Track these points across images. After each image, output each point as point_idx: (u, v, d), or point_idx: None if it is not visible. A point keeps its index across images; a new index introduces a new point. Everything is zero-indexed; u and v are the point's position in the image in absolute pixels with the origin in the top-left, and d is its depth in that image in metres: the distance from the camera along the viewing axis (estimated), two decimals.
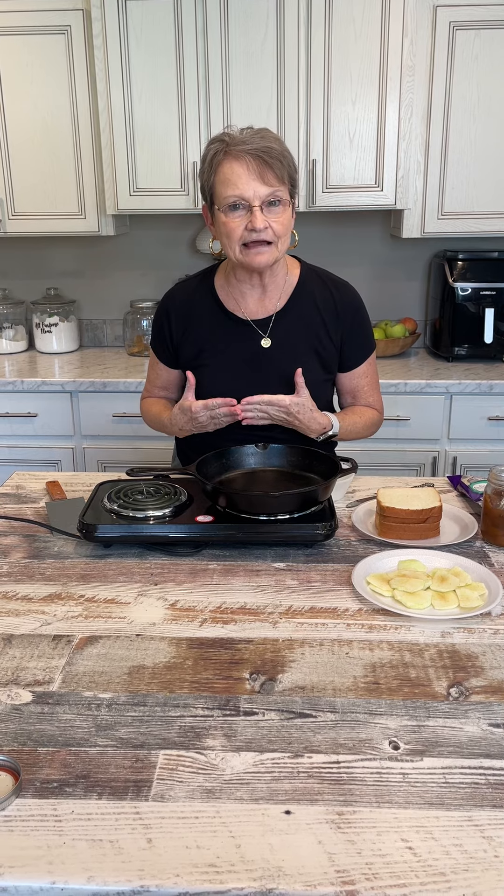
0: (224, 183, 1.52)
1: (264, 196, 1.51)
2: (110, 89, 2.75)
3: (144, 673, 1.10)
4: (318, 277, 1.75)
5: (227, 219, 1.54)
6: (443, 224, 2.87)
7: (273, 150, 1.51)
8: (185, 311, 1.75)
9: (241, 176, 1.49)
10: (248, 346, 1.71)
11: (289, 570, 1.39)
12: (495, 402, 2.78)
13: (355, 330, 1.75)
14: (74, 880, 0.78)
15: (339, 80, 2.69)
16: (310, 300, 1.72)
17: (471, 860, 0.79)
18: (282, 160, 1.52)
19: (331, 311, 1.72)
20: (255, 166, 1.49)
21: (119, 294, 3.38)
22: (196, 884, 0.77)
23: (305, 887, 0.77)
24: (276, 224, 1.54)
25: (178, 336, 1.76)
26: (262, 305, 1.71)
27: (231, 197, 1.51)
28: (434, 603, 1.26)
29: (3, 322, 3.28)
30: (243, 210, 1.52)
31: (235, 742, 0.96)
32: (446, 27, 2.67)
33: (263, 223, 1.52)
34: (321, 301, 1.72)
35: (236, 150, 1.50)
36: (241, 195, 1.50)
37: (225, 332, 1.72)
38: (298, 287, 1.72)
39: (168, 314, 1.77)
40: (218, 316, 1.73)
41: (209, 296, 1.74)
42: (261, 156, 1.49)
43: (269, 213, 1.53)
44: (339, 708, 1.02)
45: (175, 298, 1.78)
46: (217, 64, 2.69)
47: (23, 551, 1.48)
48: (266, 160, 1.49)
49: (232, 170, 1.50)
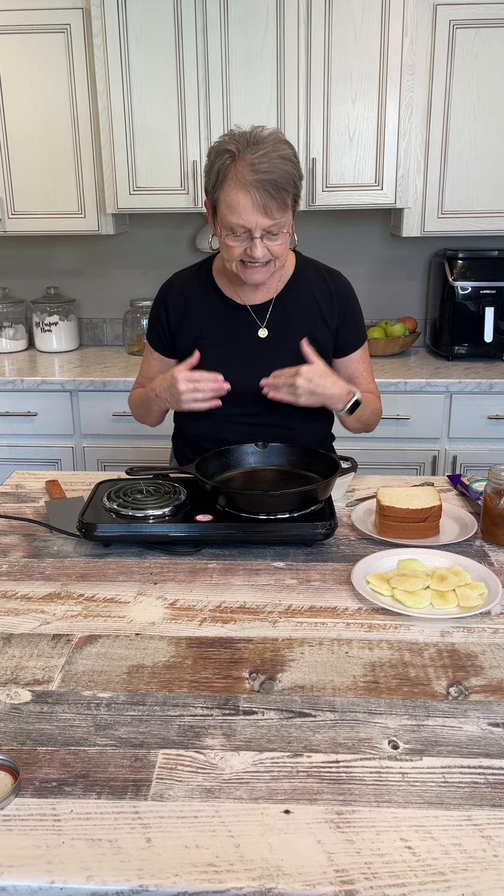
0: (228, 208, 1.52)
1: (266, 227, 1.52)
2: (110, 88, 2.74)
3: (144, 672, 1.10)
4: (313, 267, 1.79)
5: (229, 241, 1.56)
6: (443, 223, 2.87)
7: (280, 181, 1.49)
8: (182, 298, 1.76)
9: (247, 208, 1.50)
10: (245, 332, 1.73)
11: (288, 570, 1.39)
12: (495, 401, 2.78)
13: (349, 316, 1.77)
14: (73, 880, 0.78)
15: (339, 78, 2.69)
16: (306, 288, 1.75)
17: (470, 860, 0.79)
18: (286, 188, 1.51)
19: (326, 297, 1.75)
20: (260, 199, 1.49)
21: (119, 293, 3.38)
22: (195, 883, 0.77)
23: (305, 887, 0.77)
24: (274, 248, 1.57)
25: (176, 324, 1.76)
26: (258, 292, 1.73)
27: (233, 223, 1.53)
28: (434, 602, 1.26)
29: (2, 321, 3.28)
30: (244, 236, 1.54)
31: (235, 741, 0.96)
32: (446, 26, 2.66)
33: (262, 252, 1.55)
34: (316, 289, 1.75)
35: (243, 176, 1.48)
36: (244, 225, 1.52)
37: (223, 317, 1.74)
38: (294, 276, 1.75)
39: (166, 303, 1.77)
40: (216, 302, 1.74)
41: (207, 283, 1.76)
42: (267, 189, 1.48)
43: (268, 240, 1.55)
44: (338, 707, 1.02)
45: (173, 287, 1.79)
46: (217, 63, 2.68)
47: (22, 550, 1.47)
48: (272, 193, 1.49)
49: (238, 199, 1.50)
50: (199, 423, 1.77)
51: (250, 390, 1.66)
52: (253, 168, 1.47)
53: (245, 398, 1.68)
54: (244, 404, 1.69)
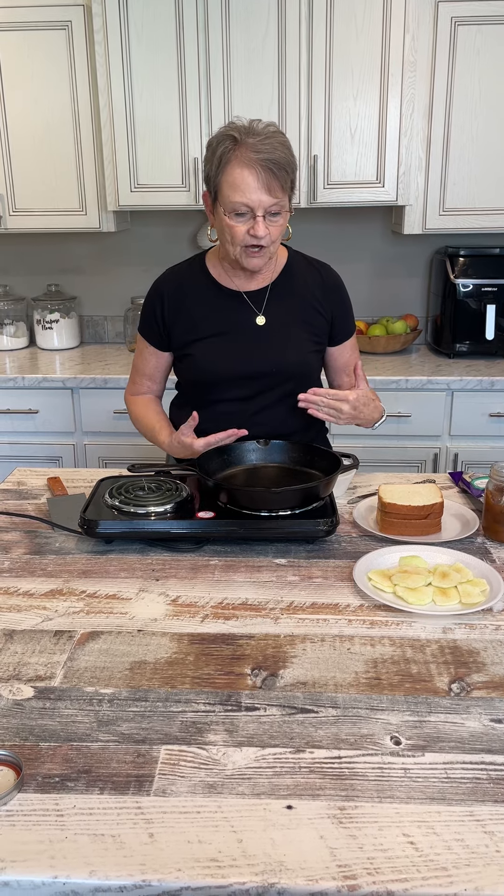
0: (232, 187, 1.54)
1: (268, 206, 1.55)
2: (111, 85, 2.74)
3: (146, 668, 1.10)
4: (303, 258, 1.83)
5: (232, 222, 1.58)
6: (444, 220, 2.87)
7: (281, 161, 1.54)
8: (177, 290, 1.77)
9: (250, 185, 1.53)
10: (242, 319, 1.74)
11: (290, 566, 1.39)
12: (496, 399, 2.78)
13: (342, 306, 1.81)
14: (76, 875, 0.78)
15: (341, 75, 2.68)
16: (299, 277, 1.78)
17: (472, 855, 0.79)
18: (287, 169, 1.56)
19: (319, 287, 1.78)
20: (264, 177, 1.53)
21: (120, 290, 3.38)
22: (198, 878, 0.77)
23: (307, 882, 0.77)
24: (274, 230, 1.60)
25: (171, 315, 1.77)
26: (254, 279, 1.75)
27: (238, 204, 1.55)
28: (435, 599, 1.26)
29: (3, 319, 3.28)
30: (247, 215, 1.57)
31: (237, 737, 0.96)
32: (448, 22, 2.66)
33: (265, 231, 1.57)
34: (309, 279, 1.78)
35: (247, 155, 1.52)
36: (247, 203, 1.55)
37: (219, 305, 1.75)
38: (287, 267, 1.78)
39: (161, 295, 1.78)
40: (211, 290, 1.76)
41: (201, 274, 1.77)
42: (270, 167, 1.52)
43: (269, 221, 1.58)
44: (340, 703, 1.02)
45: (167, 280, 1.80)
46: (218, 59, 2.68)
47: (24, 547, 1.48)
48: (274, 171, 1.53)
49: (242, 177, 1.53)
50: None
51: (248, 376, 1.70)
52: (255, 149, 1.52)
53: (244, 384, 1.71)
54: (242, 389, 1.72)
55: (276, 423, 1.74)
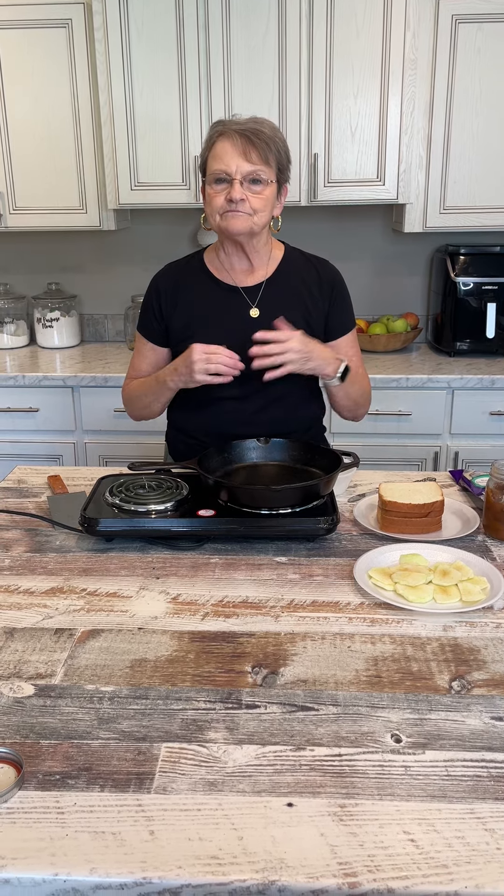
0: (213, 158, 1.62)
1: (246, 172, 1.60)
2: (111, 83, 2.74)
3: (146, 666, 1.10)
4: (301, 255, 1.84)
5: (211, 189, 1.64)
6: (445, 218, 2.87)
7: (261, 133, 1.60)
8: (174, 285, 1.79)
9: (228, 151, 1.59)
10: (237, 313, 1.75)
11: (291, 564, 1.39)
12: (497, 397, 2.78)
13: (337, 301, 1.81)
14: (77, 872, 0.78)
15: (341, 73, 2.68)
16: (295, 273, 1.79)
17: (473, 853, 0.79)
18: (269, 143, 1.61)
19: (315, 283, 1.79)
20: (241, 144, 1.59)
21: (120, 289, 3.38)
22: (198, 876, 0.77)
23: (308, 879, 0.77)
24: (254, 199, 1.62)
25: (169, 309, 1.78)
26: (249, 274, 1.77)
27: (216, 169, 1.61)
28: (436, 597, 1.25)
29: (4, 317, 3.28)
30: (226, 184, 1.61)
31: (237, 735, 0.96)
32: (448, 20, 2.66)
33: (240, 195, 1.60)
34: (305, 274, 1.79)
35: (228, 129, 1.61)
36: (225, 169, 1.60)
37: (215, 299, 1.76)
38: (283, 262, 1.80)
39: (158, 291, 1.80)
40: (208, 284, 1.78)
41: (199, 269, 1.80)
42: (248, 135, 1.59)
43: (249, 190, 1.62)
44: (341, 701, 1.02)
45: (164, 276, 1.83)
46: (218, 57, 2.68)
47: (25, 545, 1.48)
48: (252, 140, 1.59)
49: (222, 147, 1.60)
50: (191, 414, 1.80)
51: (243, 369, 1.68)
52: (237, 123, 1.61)
53: (238, 377, 1.69)
54: (235, 385, 1.70)
55: (273, 420, 1.75)
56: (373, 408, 2.77)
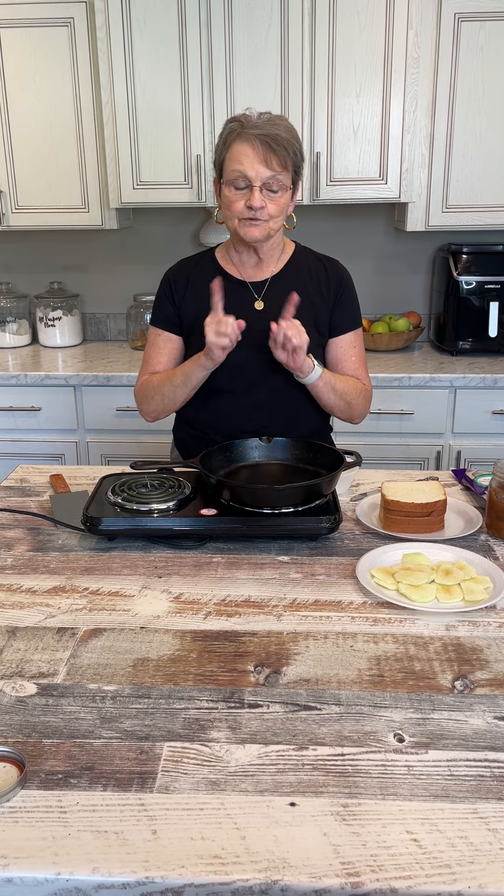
0: (232, 160, 1.63)
1: (265, 178, 1.62)
2: (113, 82, 2.74)
3: (149, 665, 1.10)
4: (312, 253, 1.87)
5: (230, 193, 1.66)
6: (447, 217, 2.86)
7: (280, 138, 1.61)
8: (186, 278, 1.83)
9: (248, 156, 1.61)
10: (243, 307, 1.77)
11: (293, 564, 1.39)
12: (499, 396, 2.77)
13: (343, 299, 1.83)
14: (79, 871, 0.78)
15: (344, 72, 2.67)
16: (304, 269, 1.82)
17: (476, 852, 0.79)
18: (287, 148, 1.62)
19: (323, 280, 1.81)
20: (262, 150, 1.60)
21: (122, 288, 3.37)
22: (201, 875, 0.77)
23: (310, 879, 0.77)
24: (272, 205, 1.65)
25: (180, 300, 1.82)
26: (259, 270, 1.81)
27: (236, 173, 1.62)
28: (438, 596, 1.25)
29: (6, 316, 3.28)
30: (245, 188, 1.63)
31: (240, 734, 0.96)
32: (451, 19, 2.65)
33: (260, 202, 1.63)
34: (314, 271, 1.82)
35: (248, 132, 1.61)
36: (245, 173, 1.61)
37: (224, 292, 1.75)
38: (293, 259, 1.83)
39: (171, 283, 1.84)
40: (216, 278, 1.76)
41: (210, 264, 1.83)
42: (268, 141, 1.60)
43: (267, 195, 1.64)
44: (343, 700, 1.02)
45: (176, 269, 1.86)
46: (221, 56, 2.68)
47: (27, 544, 1.48)
48: (272, 146, 1.60)
49: (242, 150, 1.62)
50: (197, 407, 1.81)
51: (247, 360, 1.73)
52: (257, 127, 1.61)
53: (243, 368, 1.73)
54: (238, 378, 1.73)
55: (278, 416, 1.75)
56: (375, 407, 2.77)
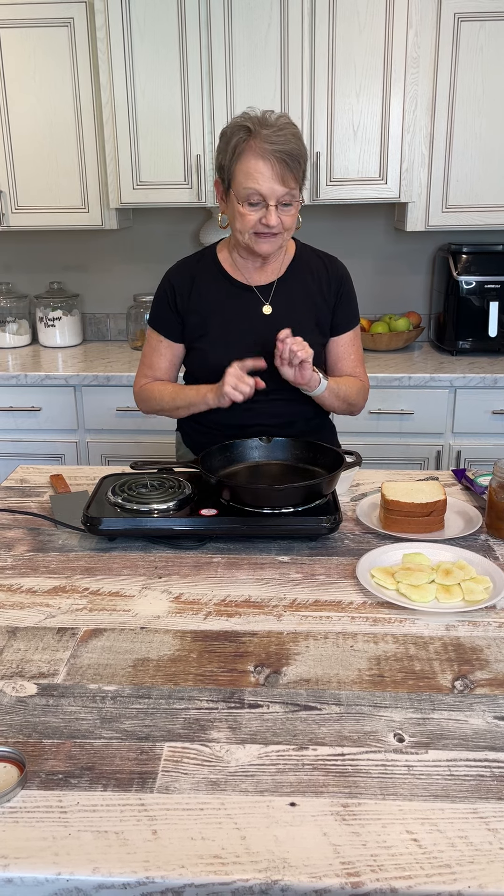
0: (246, 175, 1.58)
1: (281, 196, 1.59)
2: (113, 82, 2.74)
3: (149, 665, 1.10)
4: (312, 251, 1.86)
5: (244, 209, 1.62)
6: (447, 217, 2.86)
7: (294, 152, 1.57)
8: (189, 282, 1.79)
9: (264, 174, 1.57)
10: (250, 312, 1.77)
11: (293, 564, 1.39)
12: (499, 396, 2.77)
13: (344, 297, 1.83)
14: (80, 871, 0.78)
15: (343, 71, 2.67)
16: (306, 270, 1.81)
17: (476, 852, 0.79)
18: (300, 161, 1.60)
19: (324, 279, 1.81)
20: (279, 168, 1.56)
21: (122, 288, 3.37)
22: (201, 875, 0.77)
23: (311, 879, 0.77)
24: (286, 219, 1.63)
25: (184, 305, 1.79)
26: (263, 273, 1.79)
27: (250, 190, 1.58)
28: (438, 596, 1.25)
29: (6, 316, 3.28)
30: (260, 205, 1.60)
31: (240, 734, 0.96)
32: (451, 18, 2.65)
33: (276, 221, 1.61)
34: (316, 270, 1.81)
35: (261, 146, 1.56)
36: (260, 191, 1.58)
37: (229, 297, 1.77)
38: (296, 259, 1.81)
39: (172, 287, 1.80)
40: (222, 283, 1.78)
41: (212, 266, 1.80)
42: (284, 159, 1.56)
43: (282, 210, 1.62)
44: (343, 700, 1.02)
45: (178, 272, 1.82)
46: (220, 56, 2.68)
47: (27, 544, 1.48)
48: (288, 163, 1.57)
49: (257, 167, 1.57)
50: None
51: (256, 368, 1.69)
52: (269, 141, 1.56)
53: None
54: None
55: (285, 417, 1.76)
56: (375, 407, 2.77)
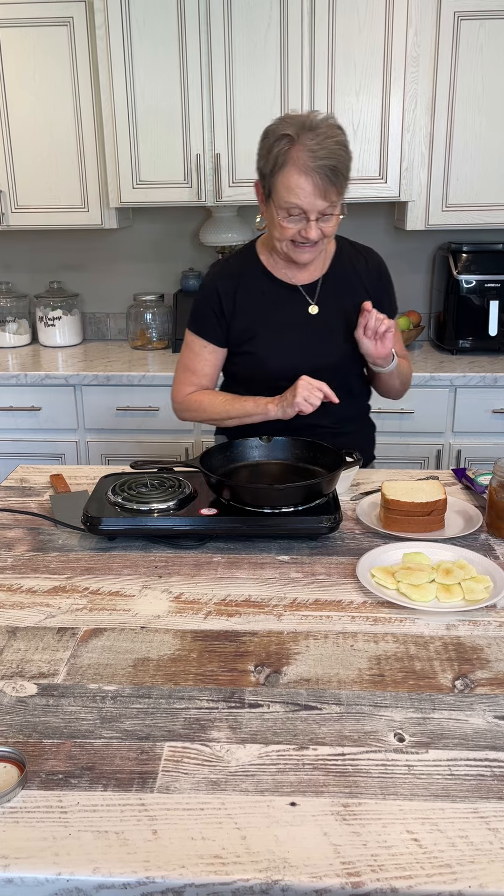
0: (287, 190, 1.55)
1: (322, 209, 1.57)
2: (113, 81, 2.73)
3: (149, 665, 1.10)
4: (350, 245, 1.85)
5: (284, 223, 1.60)
6: (447, 216, 2.86)
7: (338, 167, 1.53)
8: (233, 285, 1.77)
9: (306, 190, 1.54)
10: (297, 311, 1.76)
11: (293, 563, 1.39)
12: (500, 395, 2.77)
13: (385, 288, 1.85)
14: (80, 871, 0.78)
15: (343, 70, 2.67)
16: (348, 265, 1.80)
17: (477, 852, 0.79)
18: (345, 173, 1.56)
19: (365, 272, 1.81)
20: (321, 184, 1.53)
21: (122, 287, 3.37)
22: (201, 875, 0.77)
23: (311, 879, 0.77)
24: (326, 229, 1.61)
25: (230, 310, 1.76)
26: (307, 272, 1.77)
27: (293, 206, 1.56)
28: (439, 595, 1.25)
29: (6, 316, 3.28)
30: (299, 217, 1.58)
31: (240, 734, 0.96)
32: (451, 17, 2.65)
33: (317, 234, 1.59)
34: (358, 265, 1.81)
35: (304, 161, 1.51)
36: (301, 207, 1.56)
37: (275, 298, 1.77)
38: (337, 255, 1.81)
39: (217, 291, 1.77)
40: (266, 284, 1.77)
41: (255, 266, 1.78)
42: (327, 174, 1.52)
43: (322, 222, 1.60)
44: (344, 700, 1.02)
45: (220, 275, 1.80)
46: (220, 55, 2.67)
47: (27, 544, 1.48)
48: (331, 178, 1.53)
49: (298, 183, 1.53)
50: None
51: (305, 366, 1.69)
52: (313, 154, 1.51)
53: (297, 370, 1.68)
54: (295, 378, 1.66)
55: (325, 416, 1.70)
56: (375, 405, 2.75)
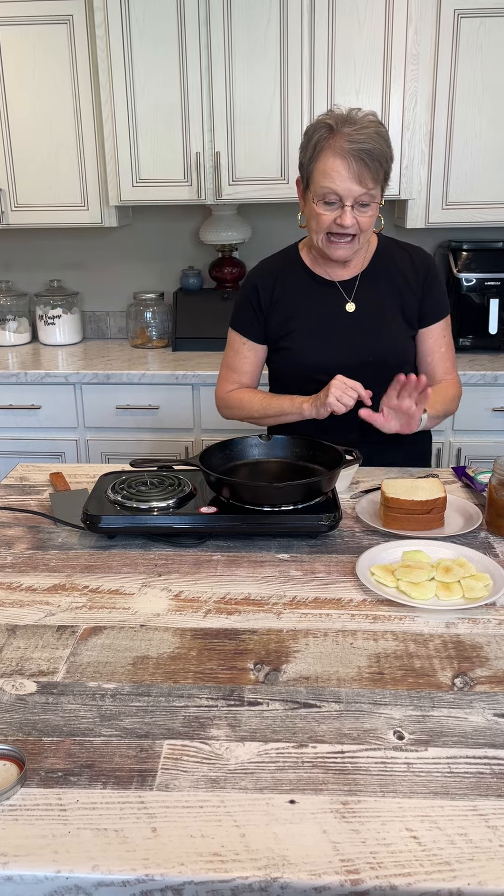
0: (322, 174, 1.57)
1: (357, 195, 1.57)
2: (112, 80, 2.73)
3: (149, 663, 1.10)
4: (395, 243, 1.83)
5: (320, 210, 1.61)
6: (447, 214, 2.86)
7: (374, 152, 1.54)
8: (272, 280, 1.79)
9: (341, 173, 1.55)
10: (334, 308, 1.76)
11: (293, 561, 1.39)
12: (500, 393, 2.77)
13: (430, 286, 1.79)
14: (79, 869, 0.78)
15: (343, 69, 2.67)
16: (390, 263, 1.79)
17: (476, 850, 0.79)
18: (381, 161, 1.57)
19: (409, 269, 1.78)
20: (356, 167, 1.54)
21: (122, 286, 3.37)
22: (201, 873, 0.77)
23: (310, 877, 0.77)
24: (363, 220, 1.61)
25: (268, 305, 1.78)
26: (346, 269, 1.77)
27: (326, 189, 1.57)
28: (438, 593, 1.25)
29: (6, 314, 3.27)
30: (336, 204, 1.59)
31: (240, 732, 0.96)
32: (451, 15, 2.64)
33: (352, 221, 1.59)
34: (400, 263, 1.79)
35: (340, 145, 1.54)
36: (336, 191, 1.57)
37: (313, 294, 1.76)
38: (378, 252, 1.79)
39: (256, 288, 1.79)
40: (305, 279, 1.77)
41: (295, 262, 1.79)
42: (362, 157, 1.53)
43: (358, 211, 1.59)
44: (343, 698, 1.02)
45: (261, 272, 1.82)
46: (220, 53, 2.67)
47: (27, 542, 1.48)
48: (367, 162, 1.54)
49: (334, 166, 1.55)
50: None
51: (341, 362, 1.69)
52: (349, 139, 1.53)
53: (335, 368, 1.68)
54: (332, 375, 1.65)
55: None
56: None
